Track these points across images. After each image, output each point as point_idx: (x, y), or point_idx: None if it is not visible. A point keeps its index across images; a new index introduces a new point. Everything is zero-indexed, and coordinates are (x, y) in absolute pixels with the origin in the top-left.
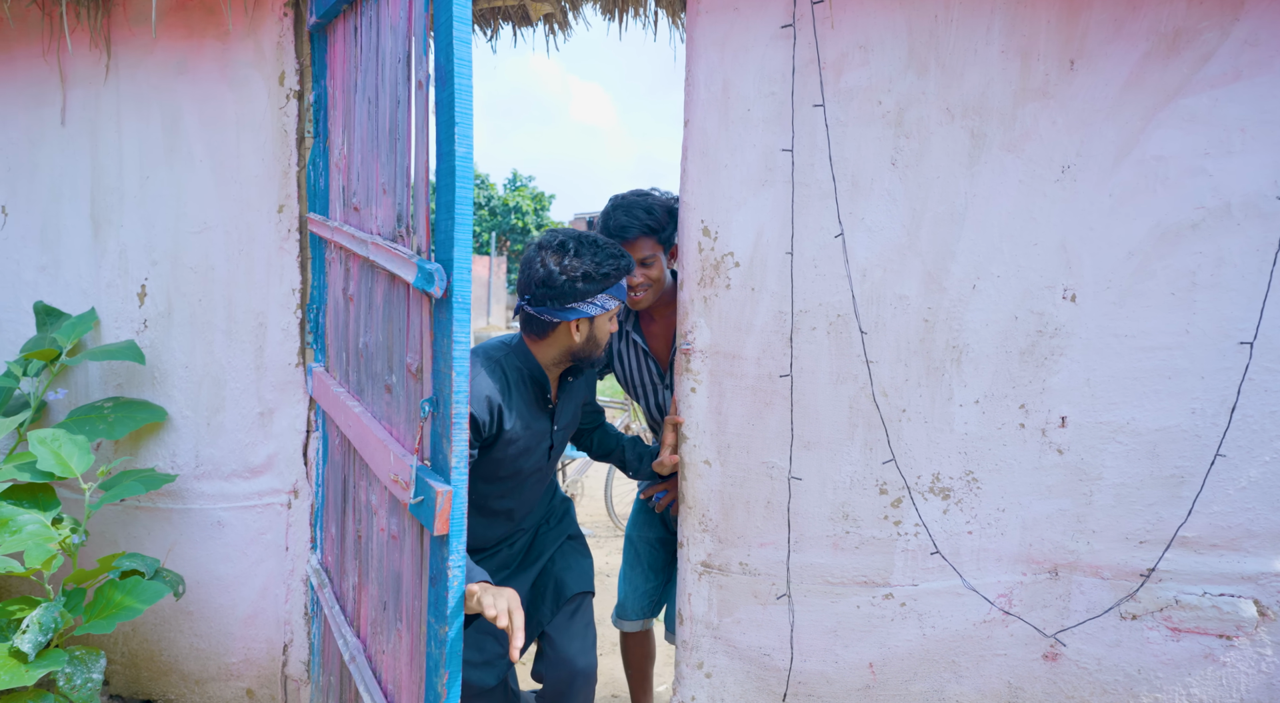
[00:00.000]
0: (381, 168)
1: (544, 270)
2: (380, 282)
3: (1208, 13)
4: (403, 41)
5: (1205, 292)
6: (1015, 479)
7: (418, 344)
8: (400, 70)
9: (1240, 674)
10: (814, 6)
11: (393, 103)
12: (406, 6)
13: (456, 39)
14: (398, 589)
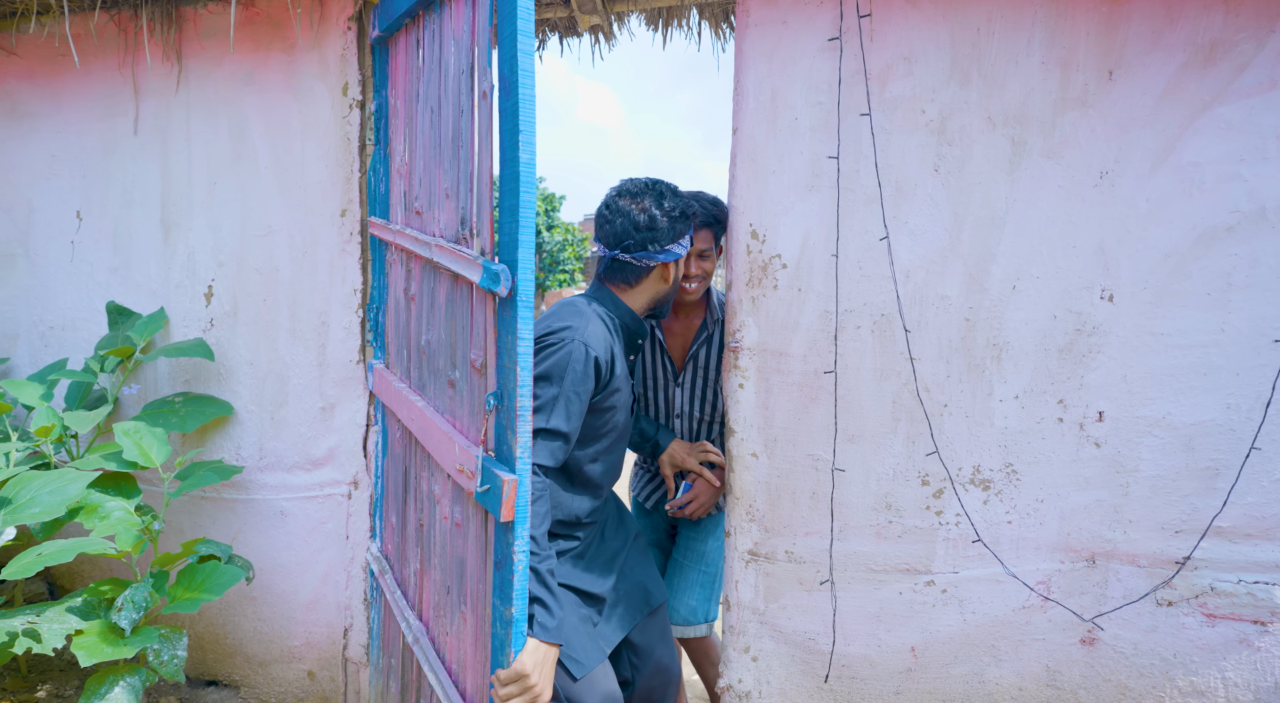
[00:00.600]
0: (444, 174)
1: (645, 216)
2: (443, 282)
3: (1244, 25)
4: (466, 54)
5: (1240, 292)
6: (1053, 471)
7: (482, 341)
8: (464, 81)
9: (1275, 659)
10: (860, 20)
11: (456, 112)
12: (470, 21)
13: (520, 51)
14: (461, 574)
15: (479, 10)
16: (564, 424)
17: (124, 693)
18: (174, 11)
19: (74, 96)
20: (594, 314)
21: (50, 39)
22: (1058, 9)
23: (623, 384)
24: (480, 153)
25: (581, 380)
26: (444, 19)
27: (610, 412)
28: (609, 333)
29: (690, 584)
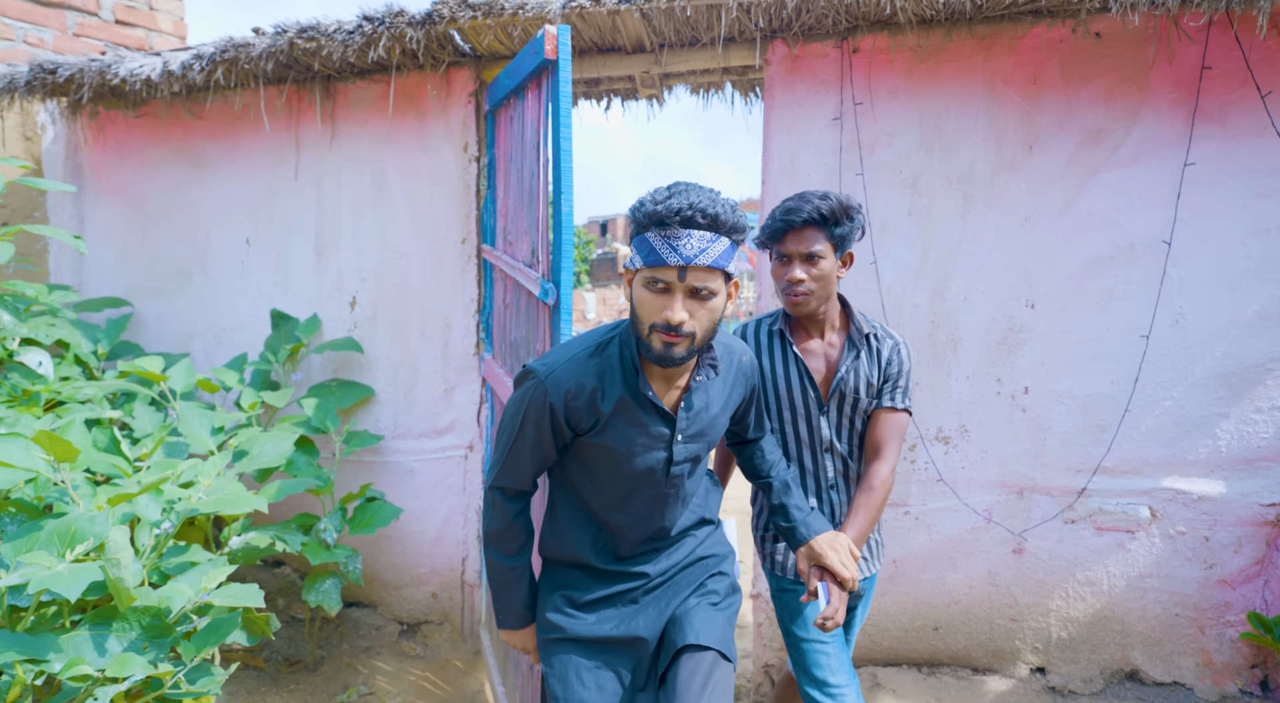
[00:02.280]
0: (525, 216)
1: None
2: (523, 294)
3: (1117, 118)
4: (534, 132)
5: (1118, 302)
6: (993, 430)
7: (542, 337)
8: (531, 151)
9: (1139, 556)
10: (856, 106)
11: (530, 173)
12: (536, 111)
13: (563, 137)
14: None
15: (542, 104)
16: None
17: (332, 586)
18: (330, 87)
19: (246, 150)
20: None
21: (229, 107)
22: (994, 103)
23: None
24: (542, 203)
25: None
26: (525, 104)
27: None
28: (604, 367)
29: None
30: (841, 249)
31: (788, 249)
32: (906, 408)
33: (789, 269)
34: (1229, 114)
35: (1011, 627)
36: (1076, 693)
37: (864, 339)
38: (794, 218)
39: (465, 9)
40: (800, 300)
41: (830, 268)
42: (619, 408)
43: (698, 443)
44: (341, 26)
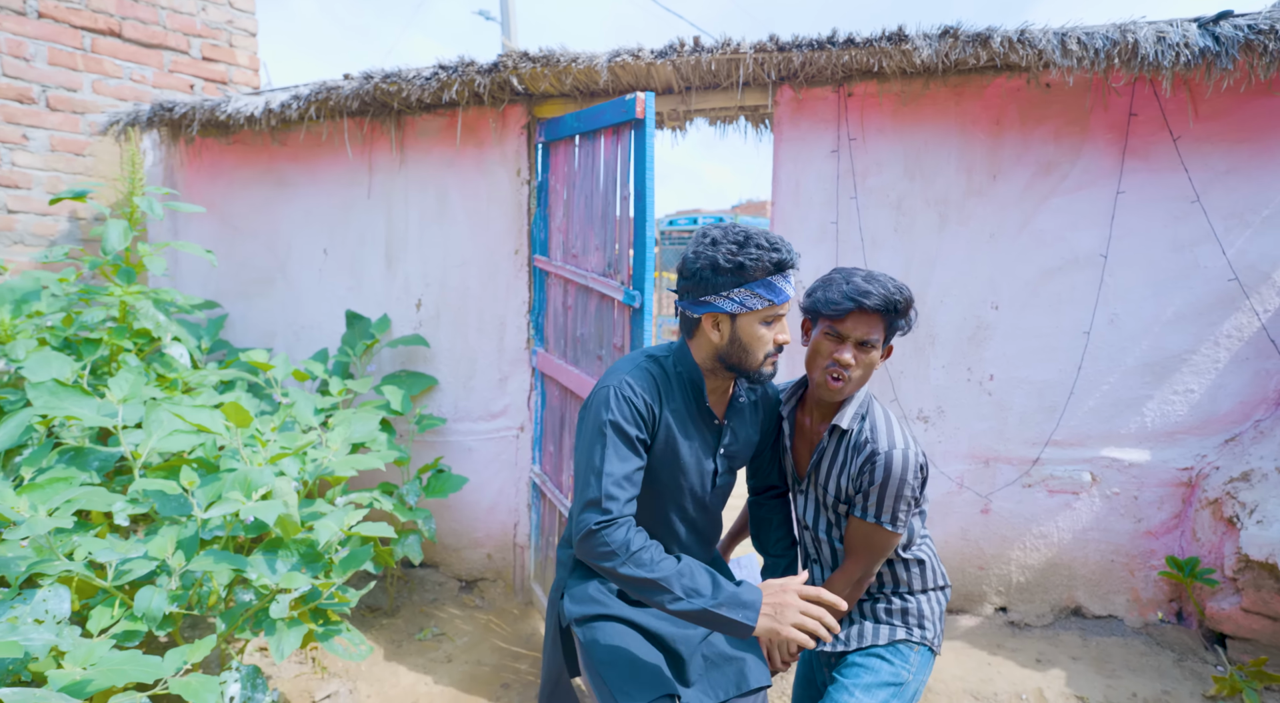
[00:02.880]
0: (595, 234)
1: (687, 257)
2: (593, 298)
3: (1065, 152)
4: (612, 171)
5: (1066, 305)
6: (964, 411)
7: (622, 333)
8: (611, 185)
9: (1082, 513)
10: (850, 141)
11: (605, 201)
12: (616, 154)
13: (647, 177)
14: None
15: (622, 147)
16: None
17: (414, 541)
18: (400, 120)
19: (325, 173)
20: (649, 361)
21: (310, 135)
22: (964, 139)
23: (677, 437)
24: (622, 227)
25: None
26: (597, 146)
27: (667, 468)
28: (664, 378)
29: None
30: (889, 341)
31: (845, 330)
32: (879, 524)
33: (840, 350)
34: (1151, 152)
35: (979, 574)
36: (1031, 626)
37: (833, 432)
38: (866, 302)
39: (526, 61)
40: (838, 386)
41: (876, 359)
42: (675, 416)
43: (734, 459)
44: (420, 73)
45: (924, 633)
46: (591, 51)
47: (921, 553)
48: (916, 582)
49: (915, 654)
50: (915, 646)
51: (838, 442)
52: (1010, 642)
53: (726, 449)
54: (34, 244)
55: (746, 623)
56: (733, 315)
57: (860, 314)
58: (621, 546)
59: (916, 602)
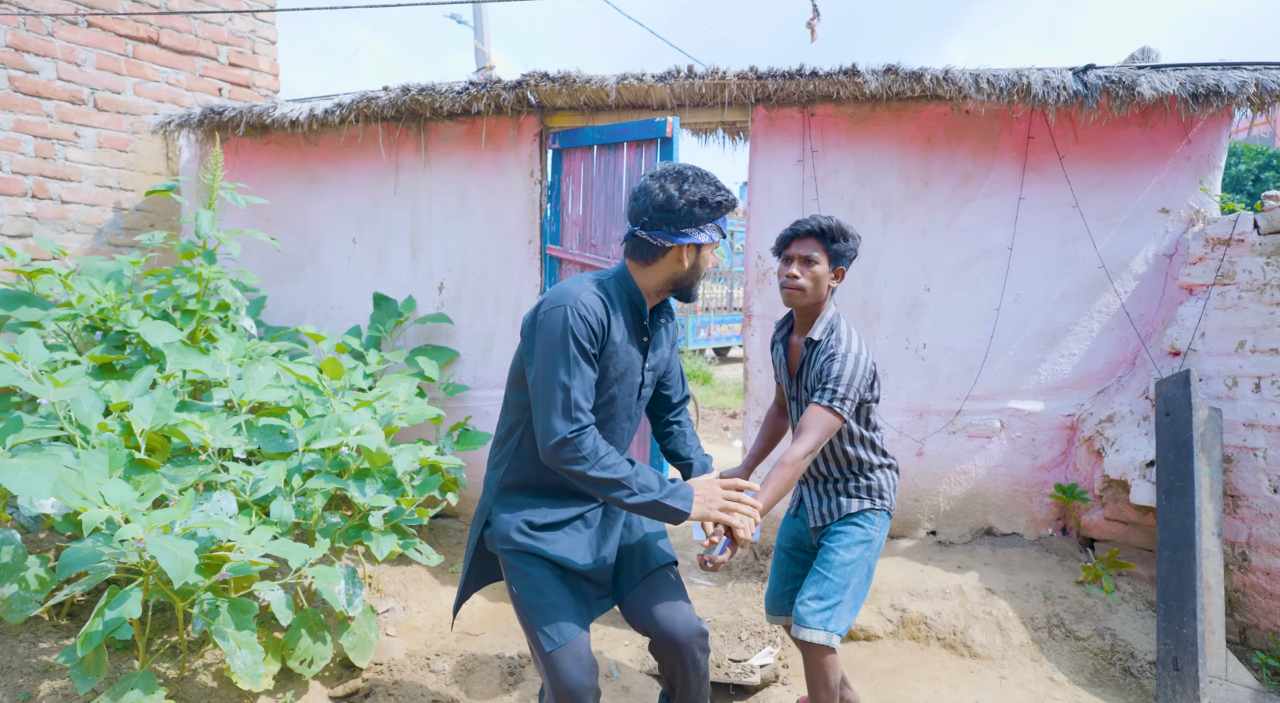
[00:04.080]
0: (616, 227)
1: (664, 196)
2: None
3: (980, 165)
4: (635, 176)
5: (982, 288)
6: (903, 373)
7: None
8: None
9: (993, 453)
10: (812, 152)
11: (626, 200)
12: (639, 163)
13: None
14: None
15: (645, 159)
16: (575, 379)
17: (452, 495)
18: (424, 125)
19: (354, 171)
20: (595, 285)
21: (338, 136)
22: (903, 153)
23: (619, 352)
24: None
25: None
26: (619, 155)
27: (606, 381)
28: (609, 300)
29: (813, 585)
30: (835, 263)
31: (791, 252)
32: (830, 406)
33: (788, 267)
34: (1044, 167)
35: (915, 505)
36: (954, 544)
37: (808, 343)
38: (800, 228)
39: (546, 80)
40: (794, 292)
41: (822, 273)
42: (619, 332)
43: (655, 373)
44: (451, 87)
45: (883, 502)
46: (602, 74)
47: (875, 436)
48: (876, 458)
49: (879, 517)
50: (878, 512)
51: (810, 349)
52: (938, 556)
53: (653, 365)
54: (83, 232)
55: (684, 509)
56: (700, 246)
57: (800, 239)
58: (591, 451)
59: (876, 479)
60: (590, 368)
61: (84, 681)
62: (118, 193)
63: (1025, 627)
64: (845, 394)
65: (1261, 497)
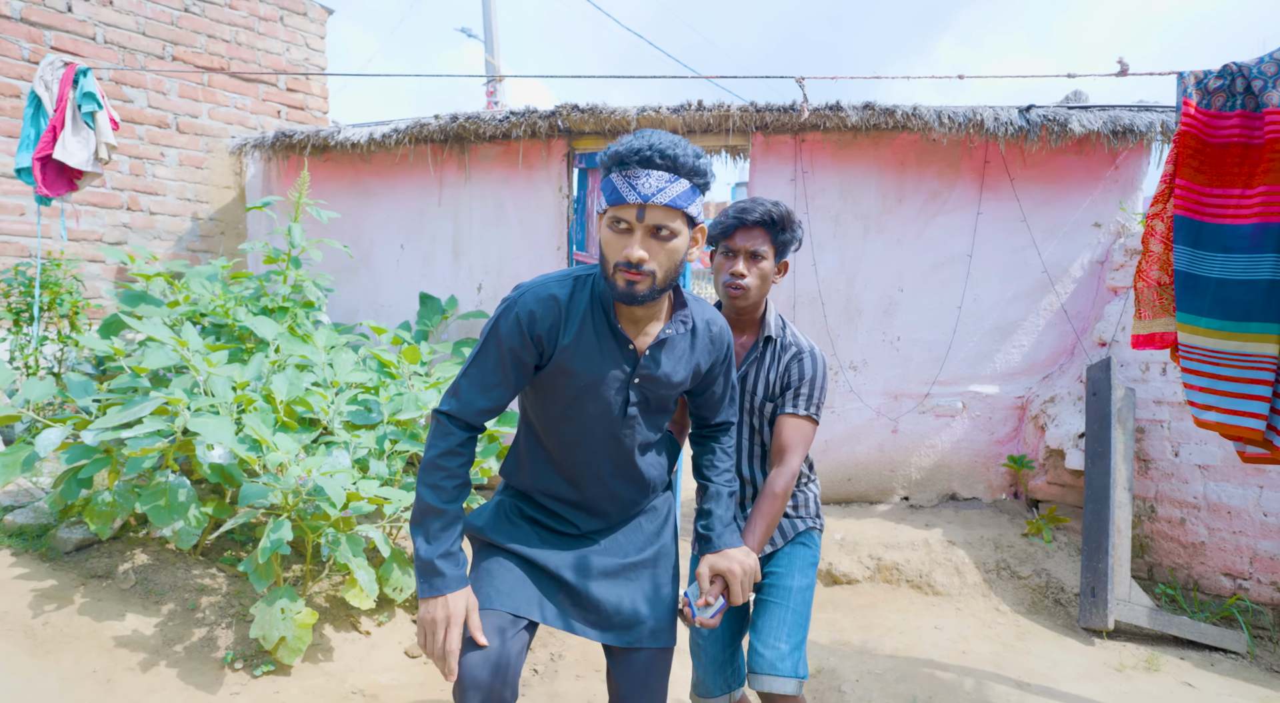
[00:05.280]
0: None
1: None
2: None
3: (945, 184)
4: None
5: (947, 288)
6: (881, 361)
7: None
8: None
9: (956, 430)
10: (803, 173)
11: None
12: None
13: None
14: None
15: None
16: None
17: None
18: (465, 146)
19: (402, 185)
20: (573, 278)
21: (389, 156)
22: (880, 174)
23: (578, 358)
24: None
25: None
26: None
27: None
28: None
29: (778, 624)
30: (780, 255)
31: (735, 245)
32: (809, 415)
33: (733, 263)
34: (998, 187)
35: (890, 474)
36: (923, 507)
37: (765, 342)
38: (746, 217)
39: (577, 112)
40: (739, 293)
41: (769, 269)
42: (581, 338)
43: (654, 393)
44: (494, 116)
45: (819, 520)
46: (624, 107)
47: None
48: (809, 472)
49: (818, 536)
50: (818, 531)
51: (765, 347)
52: (909, 517)
53: (641, 380)
54: (167, 239)
55: (419, 592)
56: (603, 214)
57: (744, 229)
58: (438, 443)
59: (810, 494)
60: (502, 370)
61: (260, 582)
62: (194, 204)
63: (978, 570)
64: (821, 399)
65: (1166, 460)
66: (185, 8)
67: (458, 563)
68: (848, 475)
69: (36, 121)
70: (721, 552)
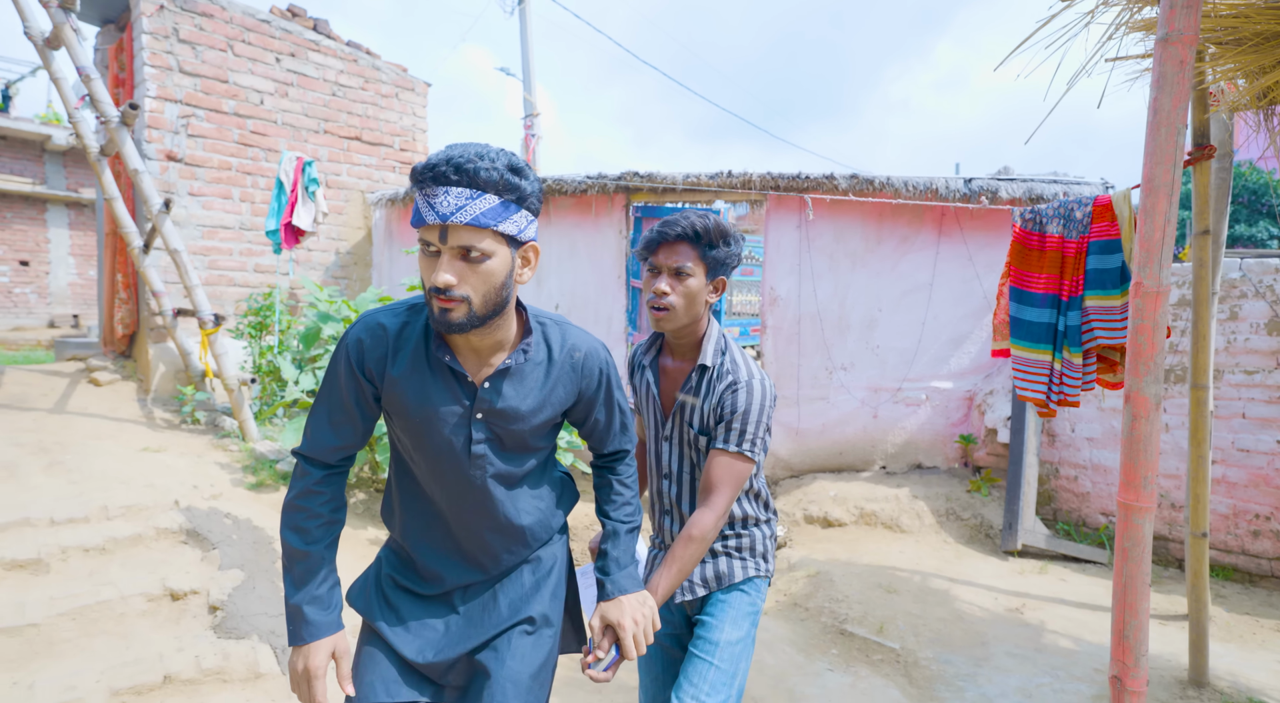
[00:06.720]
0: None
1: None
2: None
3: (912, 231)
4: None
5: (914, 309)
6: (864, 363)
7: None
8: None
9: (921, 415)
10: (807, 222)
11: None
12: None
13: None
14: None
15: None
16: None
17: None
18: (550, 198)
19: None
20: (386, 311)
21: None
22: (864, 224)
23: (409, 393)
24: None
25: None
26: None
27: (411, 425)
28: (384, 336)
29: (699, 679)
30: (714, 273)
31: (659, 261)
32: (740, 452)
33: (656, 281)
34: (952, 233)
35: (871, 449)
36: (896, 473)
37: (700, 370)
38: (669, 230)
39: (638, 177)
40: (662, 315)
41: (698, 287)
42: (412, 370)
43: (504, 428)
44: (575, 179)
45: (767, 566)
46: (673, 173)
47: (759, 484)
48: (760, 513)
49: (764, 584)
50: (763, 578)
51: (699, 377)
52: (885, 480)
53: (486, 415)
54: (318, 269)
55: (290, 640)
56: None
57: (668, 245)
58: (296, 483)
59: (759, 534)
60: (347, 406)
61: None
62: (336, 243)
63: (933, 516)
64: (756, 434)
65: (1066, 435)
66: (333, 93)
67: (325, 607)
68: (839, 450)
69: (279, 198)
70: (615, 600)
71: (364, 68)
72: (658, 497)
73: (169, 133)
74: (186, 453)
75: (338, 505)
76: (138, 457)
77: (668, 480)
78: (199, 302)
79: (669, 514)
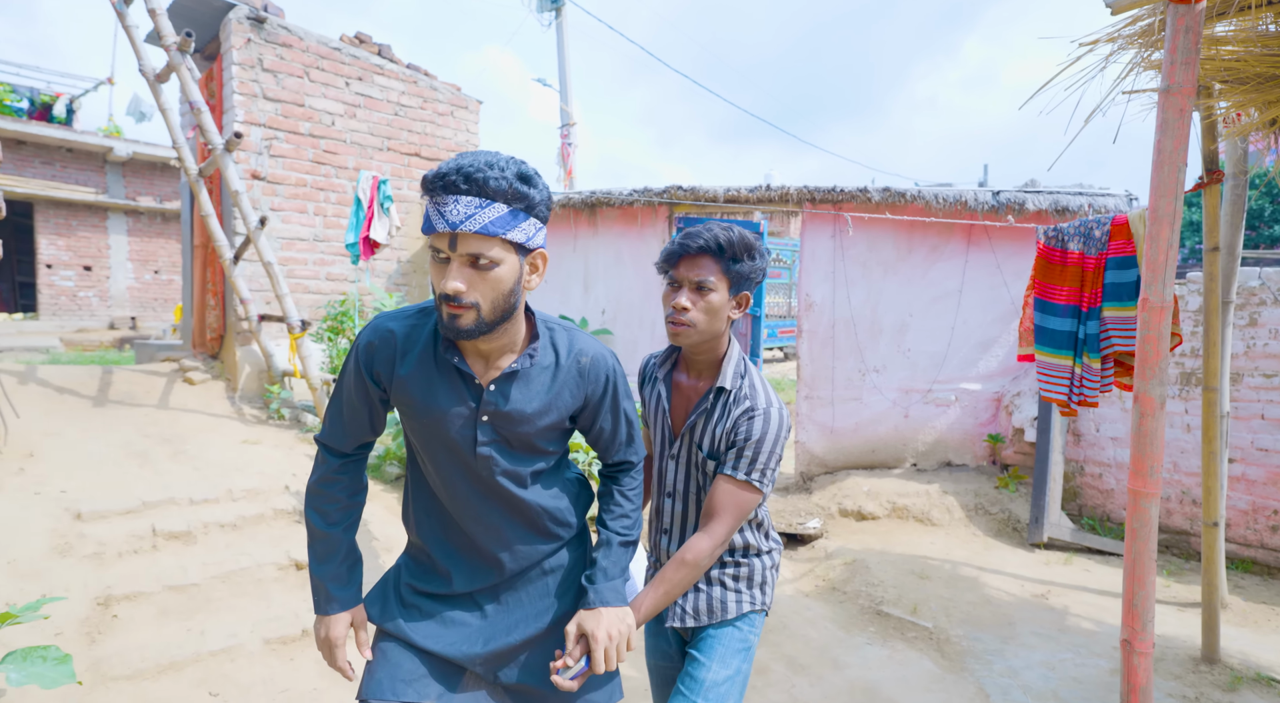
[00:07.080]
0: None
1: None
2: None
3: (942, 241)
4: None
5: (944, 315)
6: (896, 366)
7: (745, 333)
8: None
9: (951, 415)
10: (841, 234)
11: None
12: None
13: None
14: None
15: None
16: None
17: None
18: (595, 209)
19: (552, 237)
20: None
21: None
22: (895, 233)
23: (418, 390)
24: None
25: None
26: None
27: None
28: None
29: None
30: (738, 288)
31: (679, 275)
32: (748, 481)
33: (676, 295)
34: (981, 242)
35: (903, 448)
36: (927, 471)
37: (718, 392)
38: (690, 243)
39: (680, 190)
40: (681, 330)
41: (720, 303)
42: (420, 370)
43: (510, 430)
44: (621, 192)
45: (764, 599)
46: (714, 187)
47: (763, 513)
48: (762, 543)
49: (760, 618)
50: (760, 612)
51: (715, 399)
52: (916, 477)
53: (491, 417)
54: (381, 276)
55: (314, 610)
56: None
57: (690, 258)
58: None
59: (759, 565)
60: (356, 402)
61: None
62: (398, 252)
63: (962, 510)
64: (767, 464)
65: (1091, 434)
66: (395, 112)
67: (345, 584)
68: (872, 448)
69: (357, 214)
70: (595, 610)
71: (422, 88)
72: (657, 515)
73: (254, 154)
74: (279, 445)
75: (355, 489)
76: (241, 448)
77: (670, 499)
78: (288, 309)
79: (667, 534)
